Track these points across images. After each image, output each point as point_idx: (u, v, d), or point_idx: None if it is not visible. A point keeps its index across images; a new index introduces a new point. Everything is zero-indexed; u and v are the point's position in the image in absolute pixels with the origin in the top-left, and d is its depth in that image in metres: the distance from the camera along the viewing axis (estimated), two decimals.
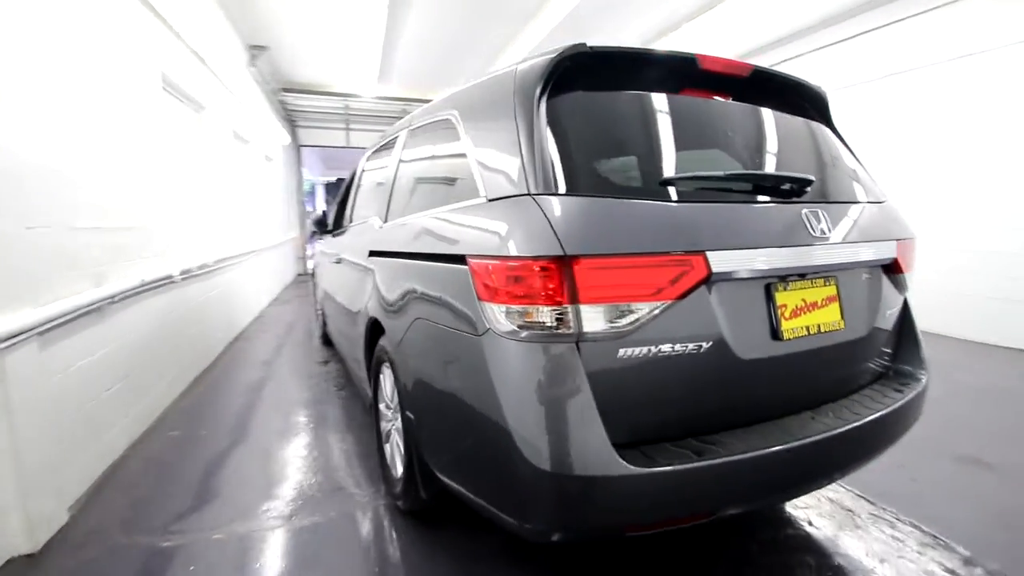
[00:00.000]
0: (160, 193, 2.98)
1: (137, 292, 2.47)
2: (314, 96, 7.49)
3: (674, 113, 1.39)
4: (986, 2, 3.90)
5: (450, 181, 1.55)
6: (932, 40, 4.20)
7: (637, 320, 1.09)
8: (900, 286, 1.58)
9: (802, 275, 1.31)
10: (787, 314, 1.28)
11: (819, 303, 1.35)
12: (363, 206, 2.70)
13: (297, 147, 9.38)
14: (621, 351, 1.11)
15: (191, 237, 3.56)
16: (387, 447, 2.00)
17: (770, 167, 1.47)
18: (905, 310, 1.65)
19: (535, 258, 1.07)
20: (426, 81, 7.25)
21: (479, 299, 1.16)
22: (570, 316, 1.07)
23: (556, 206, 1.11)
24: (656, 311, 1.10)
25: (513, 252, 1.09)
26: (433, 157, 1.78)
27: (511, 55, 6.01)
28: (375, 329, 2.04)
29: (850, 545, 1.64)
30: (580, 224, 1.10)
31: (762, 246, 1.22)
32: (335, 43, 5.84)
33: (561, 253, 1.06)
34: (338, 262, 2.85)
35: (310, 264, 11.07)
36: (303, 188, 9.73)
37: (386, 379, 1.93)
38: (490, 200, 1.26)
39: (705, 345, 1.16)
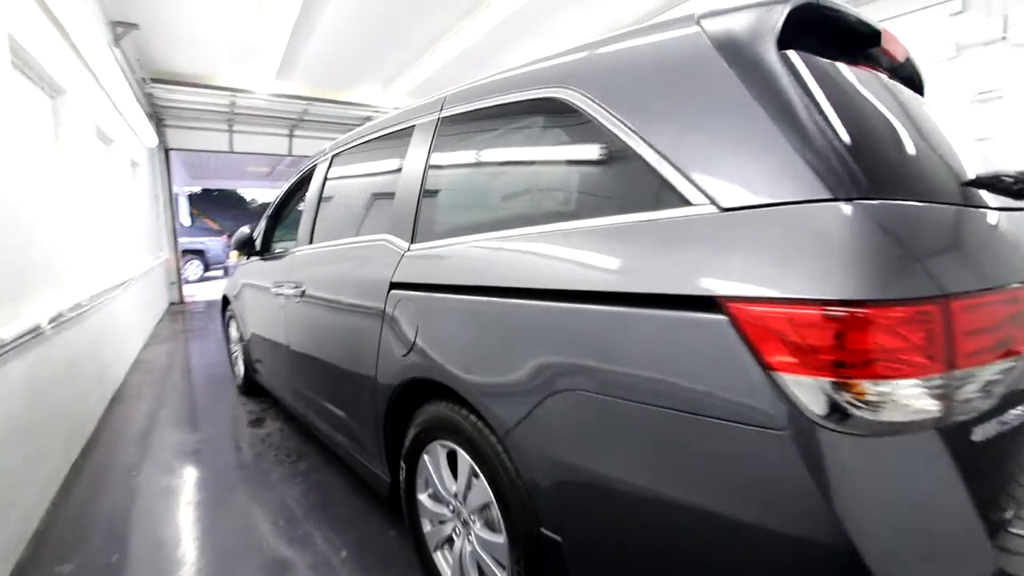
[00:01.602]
0: (14, 208, 2.04)
1: None
2: (192, 90, 6.25)
3: (885, 94, 1.08)
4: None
5: (590, 185, 1.08)
6: None
7: (995, 382, 0.74)
8: None
9: None
10: None
11: None
12: (342, 223, 2.07)
13: (165, 151, 7.85)
14: (975, 431, 0.75)
15: (59, 267, 2.56)
16: (440, 558, 1.43)
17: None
18: None
19: (905, 302, 0.66)
20: (337, 79, 6.42)
21: (770, 369, 0.72)
22: (944, 387, 0.68)
23: (899, 218, 0.72)
24: (1016, 366, 0.76)
25: (854, 293, 0.67)
26: (526, 161, 1.28)
27: (442, 53, 5.51)
28: (409, 394, 1.47)
29: None
30: (941, 245, 0.72)
31: None
32: (228, 27, 4.87)
33: (937, 292, 0.67)
34: (298, 295, 2.15)
35: (190, 290, 9.25)
36: (172, 200, 8.16)
37: (441, 465, 1.38)
38: (727, 209, 0.82)
39: None
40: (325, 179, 2.27)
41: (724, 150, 0.86)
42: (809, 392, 0.70)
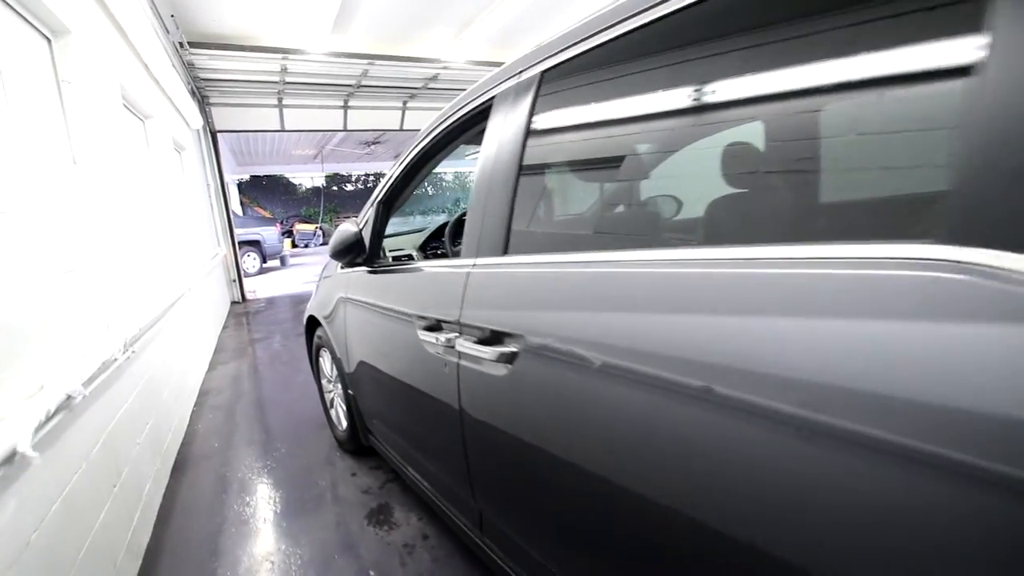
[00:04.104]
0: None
1: None
2: (238, 54, 5.25)
3: None
4: None
5: None
6: None
7: None
8: None
9: None
10: None
11: None
12: (634, 215, 0.98)
13: (212, 133, 6.98)
14: None
15: (91, 301, 1.58)
16: None
17: None
18: None
19: None
20: (401, 26, 5.27)
21: None
22: None
23: None
24: None
25: None
26: None
27: None
28: None
29: None
30: None
31: None
32: None
33: None
34: (493, 356, 1.05)
35: (250, 285, 8.24)
36: (224, 189, 7.33)
37: None
38: None
39: None
40: (528, 127, 1.12)
41: None
42: None
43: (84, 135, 2.11)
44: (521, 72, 1.17)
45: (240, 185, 18.14)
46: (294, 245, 17.99)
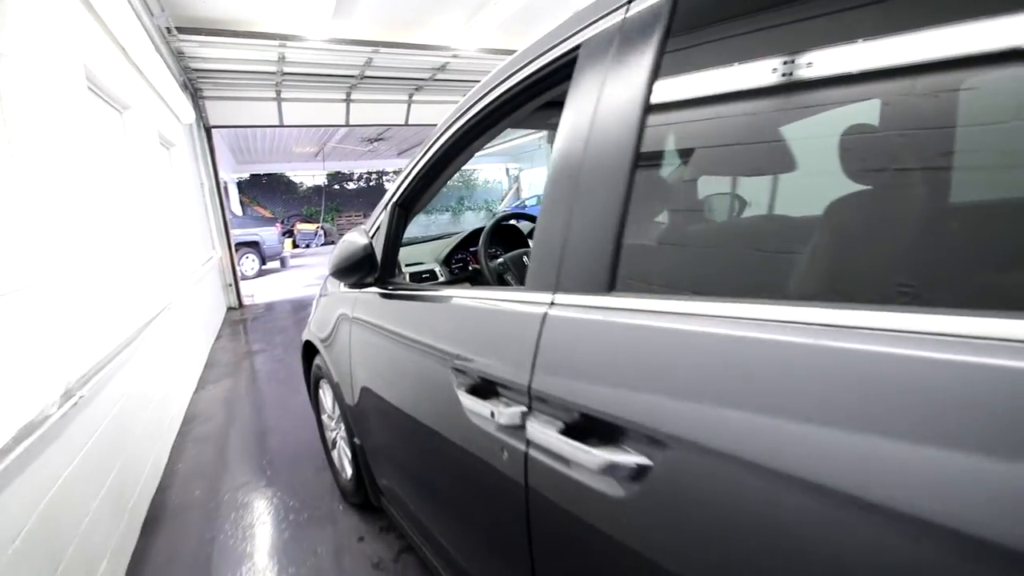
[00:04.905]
0: None
1: None
2: (230, 40, 4.81)
3: None
4: None
5: None
6: None
7: None
8: None
9: None
10: None
11: None
12: None
13: (206, 129, 6.56)
14: None
15: (16, 339, 1.17)
16: None
17: None
18: None
19: None
20: (408, 10, 4.84)
21: None
22: None
23: None
24: None
25: None
26: None
27: None
28: None
29: None
30: None
31: None
32: None
33: None
34: (594, 463, 0.63)
35: (248, 288, 7.66)
36: (220, 188, 6.90)
37: None
38: None
39: None
40: (650, 89, 0.68)
41: None
42: None
43: (25, 123, 1.69)
44: (630, 2, 0.74)
45: (240, 184, 17.73)
46: (295, 245, 17.59)
